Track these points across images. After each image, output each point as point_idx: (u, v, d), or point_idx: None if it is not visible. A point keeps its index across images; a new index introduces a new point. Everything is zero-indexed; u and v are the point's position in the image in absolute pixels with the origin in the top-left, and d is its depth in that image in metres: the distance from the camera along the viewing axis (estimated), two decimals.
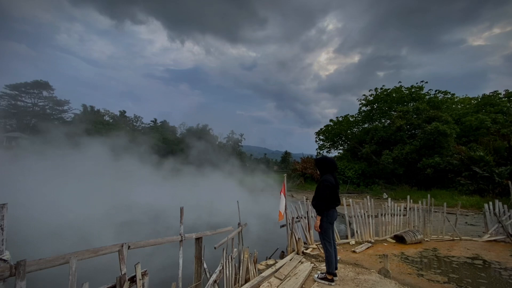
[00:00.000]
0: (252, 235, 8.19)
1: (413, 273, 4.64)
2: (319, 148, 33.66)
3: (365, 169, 25.75)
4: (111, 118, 50.20)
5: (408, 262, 5.22)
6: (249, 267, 3.86)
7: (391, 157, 22.04)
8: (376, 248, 6.16)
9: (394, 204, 7.47)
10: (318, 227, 4.00)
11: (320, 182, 4.03)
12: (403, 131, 23.09)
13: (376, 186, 23.84)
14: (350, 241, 6.52)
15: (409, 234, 6.64)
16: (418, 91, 26.85)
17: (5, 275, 1.42)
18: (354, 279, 4.18)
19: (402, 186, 21.72)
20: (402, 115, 23.63)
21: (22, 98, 45.72)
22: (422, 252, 5.92)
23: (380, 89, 28.34)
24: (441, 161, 19.26)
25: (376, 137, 24.83)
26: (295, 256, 5.21)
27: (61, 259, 1.71)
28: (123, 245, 2.11)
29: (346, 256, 5.51)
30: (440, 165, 19.18)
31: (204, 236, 3.58)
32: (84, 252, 1.87)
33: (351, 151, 30.41)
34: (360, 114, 30.43)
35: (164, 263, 5.50)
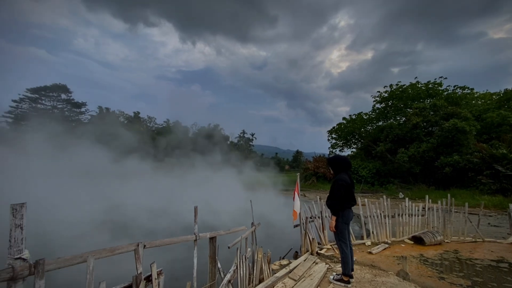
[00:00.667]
0: (265, 235, 8.15)
1: (434, 276, 4.45)
2: (331, 147, 33.18)
3: (379, 168, 25.13)
4: (126, 119, 51.48)
5: (427, 265, 5.03)
6: (263, 267, 3.82)
7: (407, 155, 21.40)
8: (393, 249, 5.98)
9: (412, 204, 7.22)
10: (333, 228, 3.91)
11: (335, 182, 3.93)
12: (419, 129, 22.36)
13: (391, 185, 23.23)
14: (366, 241, 6.35)
15: (428, 235, 6.40)
16: (436, 87, 25.91)
17: (24, 274, 1.45)
18: (371, 281, 4.06)
19: (419, 186, 21.06)
20: (419, 112, 22.87)
21: (42, 101, 47.62)
22: (442, 254, 5.69)
23: (396, 86, 27.56)
24: (461, 159, 18.52)
25: (391, 135, 24.17)
26: (309, 257, 5.13)
27: (79, 258, 1.74)
28: (139, 244, 2.12)
29: (362, 257, 5.37)
30: (459, 164, 18.45)
31: (218, 235, 3.58)
32: (101, 251, 1.89)
33: (365, 150, 29.78)
34: (374, 111, 29.71)
35: (178, 262, 5.56)
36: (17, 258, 1.41)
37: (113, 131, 23.07)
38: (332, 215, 3.90)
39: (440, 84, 26.00)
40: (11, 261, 1.40)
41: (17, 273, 1.40)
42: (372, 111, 29.89)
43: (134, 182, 14.87)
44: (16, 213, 1.40)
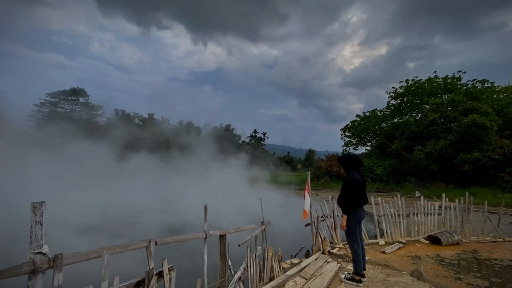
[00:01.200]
0: (276, 234, 8.17)
1: (450, 276, 4.33)
2: (345, 145, 32.59)
3: (395, 166, 24.48)
4: (140, 121, 52.77)
5: (444, 265, 4.89)
6: (273, 266, 3.85)
7: (423, 153, 20.72)
8: (408, 249, 5.84)
9: (428, 203, 7.02)
10: (344, 226, 3.88)
11: (346, 180, 3.91)
12: (436, 125, 21.58)
13: (407, 184, 22.58)
14: (379, 241, 6.25)
15: (445, 235, 6.21)
16: (455, 81, 24.90)
17: (44, 267, 1.56)
18: (384, 280, 4.00)
19: (437, 184, 20.37)
20: (436, 107, 22.07)
21: (62, 105, 49.71)
22: (460, 254, 5.51)
23: (411, 81, 26.72)
24: (481, 156, 17.75)
25: (407, 132, 23.45)
26: (320, 256, 5.11)
27: (94, 253, 1.84)
28: (151, 241, 2.21)
29: (375, 257, 5.29)
30: (480, 161, 17.69)
31: (227, 233, 3.64)
32: (115, 247, 1.99)
33: (379, 148, 29.08)
34: (388, 108, 28.93)
35: (189, 259, 5.69)
36: (37, 253, 1.52)
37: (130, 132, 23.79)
38: (344, 214, 3.88)
39: (459, 78, 24.98)
40: (31, 255, 1.51)
41: (37, 267, 1.51)
42: (387, 107, 29.11)
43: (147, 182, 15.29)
44: (36, 210, 1.50)
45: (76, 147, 14.68)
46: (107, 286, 1.84)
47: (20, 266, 1.46)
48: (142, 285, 2.11)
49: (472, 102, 20.71)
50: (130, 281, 2.08)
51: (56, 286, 1.57)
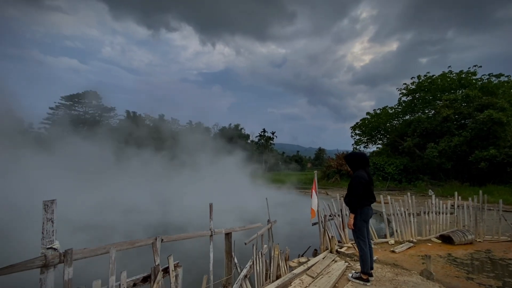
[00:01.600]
0: (284, 233, 8.18)
1: (461, 276, 4.24)
2: (355, 143, 32.09)
3: (407, 164, 23.96)
4: (151, 122, 53.73)
5: (455, 264, 4.78)
6: (280, 264, 3.88)
7: (437, 150, 20.19)
8: (419, 248, 5.74)
9: (439, 201, 6.86)
10: (351, 225, 3.86)
11: (352, 179, 3.89)
12: (450, 122, 20.95)
13: (420, 182, 22.06)
14: (389, 240, 6.16)
15: (457, 234, 6.06)
16: (469, 76, 24.09)
17: (55, 261, 1.65)
18: (392, 280, 3.96)
19: (451, 182, 19.80)
20: (449, 104, 21.43)
21: (76, 107, 51.29)
22: (473, 254, 5.37)
23: (424, 76, 26.03)
24: (498, 153, 17.13)
25: (419, 129, 22.88)
26: (328, 255, 5.09)
27: (102, 249, 1.93)
28: (157, 238, 2.29)
29: (384, 256, 5.23)
30: (496, 158, 17.08)
31: (233, 231, 3.69)
32: (122, 243, 2.08)
33: (391, 146, 28.50)
34: (400, 105, 28.29)
35: (194, 257, 5.79)
36: (49, 248, 1.62)
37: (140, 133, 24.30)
38: (350, 213, 3.86)
39: (474, 73, 24.14)
40: (43, 250, 1.61)
41: (49, 261, 1.61)
42: (398, 104, 28.47)
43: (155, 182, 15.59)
44: (48, 208, 1.60)
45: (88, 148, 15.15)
46: (114, 280, 1.93)
47: (32, 260, 1.55)
48: (149, 281, 2.19)
49: (488, 97, 19.99)
50: (136, 276, 2.16)
51: (67, 279, 1.67)
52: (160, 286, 2.17)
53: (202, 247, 5.48)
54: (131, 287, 2.09)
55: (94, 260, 1.99)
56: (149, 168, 17.03)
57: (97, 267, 2.53)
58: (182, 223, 9.21)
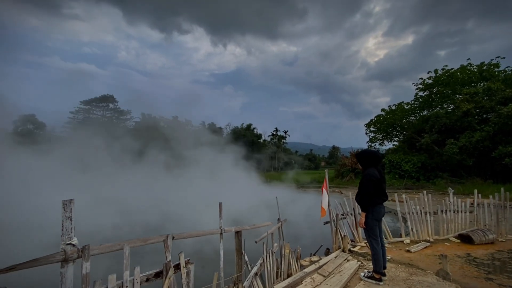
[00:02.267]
0: (296, 232, 8.18)
1: (480, 276, 4.09)
2: (370, 140, 31.38)
3: (425, 162, 23.15)
4: (165, 124, 54.99)
5: (474, 265, 4.61)
6: (290, 262, 3.91)
7: (457, 146, 19.39)
8: (436, 248, 5.57)
9: (458, 200, 6.62)
10: (363, 224, 3.81)
11: (364, 177, 3.83)
12: (471, 116, 20.05)
13: (439, 180, 21.27)
14: (404, 239, 6.03)
15: (477, 233, 5.83)
16: (491, 68, 22.94)
17: (74, 256, 1.78)
18: (406, 279, 3.89)
19: (473, 180, 18.96)
20: (470, 97, 20.50)
21: (94, 111, 53.40)
22: (493, 254, 5.16)
23: (441, 70, 25.05)
24: None
25: (438, 125, 22.04)
26: (340, 254, 5.06)
27: (117, 245, 2.04)
28: (168, 236, 2.39)
29: (398, 256, 5.12)
30: None
31: (243, 230, 3.76)
32: (135, 240, 2.19)
33: (407, 142, 27.65)
34: (416, 100, 27.37)
35: (205, 255, 5.92)
36: (68, 244, 1.74)
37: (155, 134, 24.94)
38: (362, 211, 3.82)
39: (496, 65, 22.98)
40: (63, 246, 1.73)
41: (68, 256, 1.73)
42: (415, 100, 27.56)
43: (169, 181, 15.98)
44: (66, 207, 1.72)
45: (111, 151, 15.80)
46: (128, 275, 2.04)
47: (53, 255, 1.68)
48: (161, 276, 2.29)
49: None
50: (149, 271, 2.27)
51: (84, 273, 1.79)
52: (172, 281, 2.27)
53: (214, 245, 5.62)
54: (144, 282, 2.20)
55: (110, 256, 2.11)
56: (158, 167, 17.52)
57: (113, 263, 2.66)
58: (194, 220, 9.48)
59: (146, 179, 15.55)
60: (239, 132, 49.77)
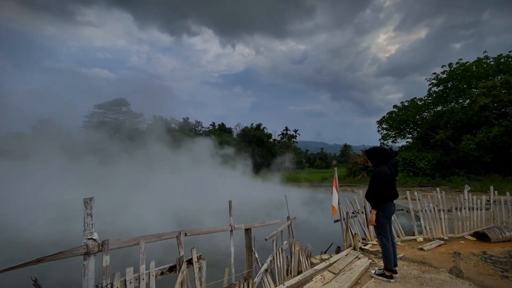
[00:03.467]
0: (306, 229, 8.19)
1: (496, 274, 4.01)
2: (382, 138, 30.71)
3: (440, 158, 22.48)
4: (176, 125, 55.92)
5: (490, 262, 4.52)
6: (300, 260, 3.96)
7: (474, 142, 18.75)
8: (450, 246, 5.48)
9: (473, 197, 6.46)
10: (373, 222, 3.80)
11: (374, 174, 3.83)
12: (488, 111, 19.32)
13: (455, 177, 20.62)
14: (417, 237, 5.95)
15: (494, 231, 5.69)
16: (509, 61, 22.01)
17: (94, 250, 1.92)
18: (418, 277, 3.86)
19: (491, 176, 18.29)
20: (487, 91, 19.75)
21: (107, 115, 54.99)
22: (511, 252, 5.02)
23: (456, 64, 24.24)
24: None
25: (453, 121, 21.37)
26: (351, 252, 5.06)
27: (133, 241, 2.18)
28: (181, 232, 2.51)
29: (411, 254, 5.07)
30: None
31: (252, 227, 3.84)
32: (150, 236, 2.32)
33: (421, 139, 26.90)
34: (430, 96, 26.59)
35: (216, 251, 6.06)
36: (89, 239, 1.88)
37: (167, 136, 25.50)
38: (372, 209, 3.81)
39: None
40: (85, 241, 1.87)
41: (89, 249, 1.87)
42: (428, 95, 26.77)
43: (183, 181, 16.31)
44: (87, 205, 1.86)
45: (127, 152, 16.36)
46: (144, 269, 2.16)
47: (77, 249, 1.82)
48: (174, 270, 2.41)
49: None
50: (164, 266, 2.40)
51: (104, 266, 1.92)
52: (185, 275, 2.38)
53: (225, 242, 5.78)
54: (159, 275, 2.32)
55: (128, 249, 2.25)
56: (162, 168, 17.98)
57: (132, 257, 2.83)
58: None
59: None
60: (249, 132, 49.91)
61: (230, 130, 61.98)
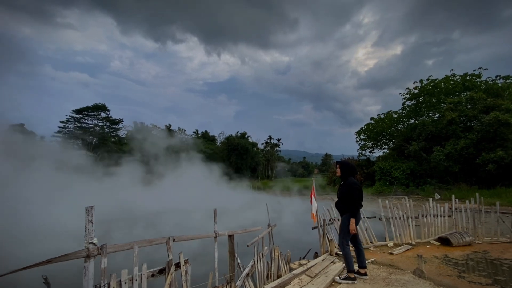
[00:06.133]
0: (286, 237, 8.48)
1: (453, 275, 4.49)
2: (360, 148, 32.11)
3: (414, 168, 23.85)
4: (158, 132, 54.98)
5: (450, 264, 5.02)
6: (280, 264, 4.23)
7: (443, 153, 20.15)
8: (417, 251, 5.97)
9: (437, 205, 7.08)
10: (354, 230, 3.96)
11: (350, 185, 4.06)
12: (455, 124, 20.92)
13: (428, 186, 21.94)
14: (388, 243, 6.41)
15: (455, 236, 6.28)
16: (474, 79, 24.08)
17: (94, 253, 2.10)
18: (385, 278, 4.25)
19: (459, 185, 19.67)
20: (454, 106, 21.43)
21: (85, 120, 53.07)
22: (469, 255, 5.59)
23: (426, 80, 26.13)
24: (506, 155, 17.04)
25: (425, 133, 22.88)
26: (327, 257, 5.39)
27: (128, 245, 2.36)
28: (169, 238, 2.71)
29: (382, 258, 5.49)
30: (504, 160, 16.99)
31: (235, 234, 4.08)
32: (142, 241, 2.51)
33: (397, 150, 28.40)
34: (404, 109, 28.34)
35: (201, 256, 6.20)
36: (90, 243, 2.06)
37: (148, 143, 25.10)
38: (351, 218, 3.98)
39: (478, 75, 24.12)
40: (86, 245, 2.05)
41: (90, 253, 2.05)
42: (402, 109, 28.53)
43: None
44: (89, 212, 2.05)
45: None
46: (137, 271, 2.35)
47: (80, 252, 2.00)
48: (164, 272, 2.60)
49: (493, 99, 19.96)
50: (154, 268, 2.58)
51: (103, 268, 2.10)
52: (173, 277, 2.58)
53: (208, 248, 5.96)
54: (150, 277, 2.51)
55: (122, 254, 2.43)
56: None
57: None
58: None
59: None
60: (233, 140, 50.07)
61: (213, 138, 61.80)
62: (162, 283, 2.52)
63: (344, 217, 4.17)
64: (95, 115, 53.92)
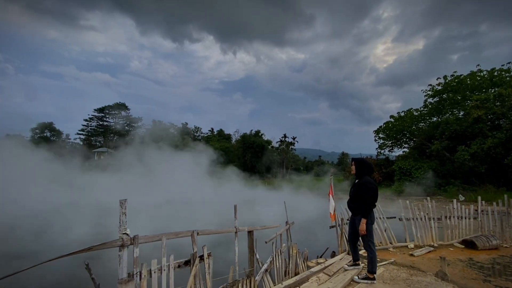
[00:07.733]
0: (305, 235, 8.48)
1: (479, 278, 4.34)
2: (379, 147, 31.22)
3: (436, 168, 22.87)
4: (175, 131, 56.30)
5: (475, 268, 4.85)
6: (297, 262, 4.27)
7: (468, 153, 19.20)
8: (439, 253, 5.79)
9: (461, 206, 6.82)
10: (364, 230, 3.90)
11: (366, 184, 3.99)
12: (482, 123, 19.86)
13: (451, 187, 20.99)
14: (408, 244, 6.26)
15: (481, 239, 6.03)
16: (503, 74, 22.68)
17: (128, 243, 2.26)
18: (406, 279, 4.19)
19: (486, 187, 18.68)
20: (480, 104, 20.31)
21: (107, 119, 55.44)
22: (496, 259, 5.36)
23: (450, 76, 24.92)
24: None
25: (448, 131, 21.88)
26: (345, 256, 5.36)
27: (156, 237, 2.51)
28: (194, 231, 2.85)
29: (402, 259, 5.38)
30: None
31: (254, 230, 4.17)
32: (169, 234, 2.65)
33: (418, 149, 27.36)
34: (426, 107, 27.21)
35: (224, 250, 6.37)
36: (124, 233, 2.21)
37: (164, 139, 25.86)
38: (363, 218, 3.93)
39: (508, 70, 22.69)
40: (120, 235, 2.20)
41: (124, 242, 2.21)
42: (424, 106, 27.40)
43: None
44: (122, 205, 2.20)
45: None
46: (165, 261, 2.50)
47: (115, 241, 2.16)
48: (189, 264, 2.74)
49: None
50: (181, 260, 2.73)
51: (135, 257, 2.25)
52: (198, 269, 2.71)
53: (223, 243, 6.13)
54: (177, 267, 2.65)
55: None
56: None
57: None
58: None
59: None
60: (248, 138, 50.29)
61: (229, 136, 62.43)
62: (185, 274, 2.66)
63: (361, 219, 3.99)
64: (116, 113, 56.20)
